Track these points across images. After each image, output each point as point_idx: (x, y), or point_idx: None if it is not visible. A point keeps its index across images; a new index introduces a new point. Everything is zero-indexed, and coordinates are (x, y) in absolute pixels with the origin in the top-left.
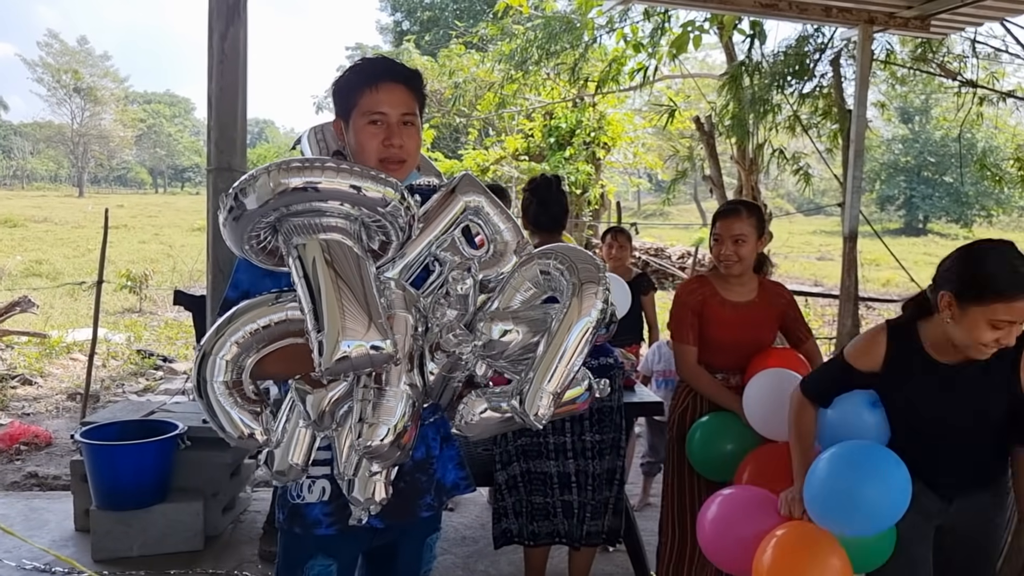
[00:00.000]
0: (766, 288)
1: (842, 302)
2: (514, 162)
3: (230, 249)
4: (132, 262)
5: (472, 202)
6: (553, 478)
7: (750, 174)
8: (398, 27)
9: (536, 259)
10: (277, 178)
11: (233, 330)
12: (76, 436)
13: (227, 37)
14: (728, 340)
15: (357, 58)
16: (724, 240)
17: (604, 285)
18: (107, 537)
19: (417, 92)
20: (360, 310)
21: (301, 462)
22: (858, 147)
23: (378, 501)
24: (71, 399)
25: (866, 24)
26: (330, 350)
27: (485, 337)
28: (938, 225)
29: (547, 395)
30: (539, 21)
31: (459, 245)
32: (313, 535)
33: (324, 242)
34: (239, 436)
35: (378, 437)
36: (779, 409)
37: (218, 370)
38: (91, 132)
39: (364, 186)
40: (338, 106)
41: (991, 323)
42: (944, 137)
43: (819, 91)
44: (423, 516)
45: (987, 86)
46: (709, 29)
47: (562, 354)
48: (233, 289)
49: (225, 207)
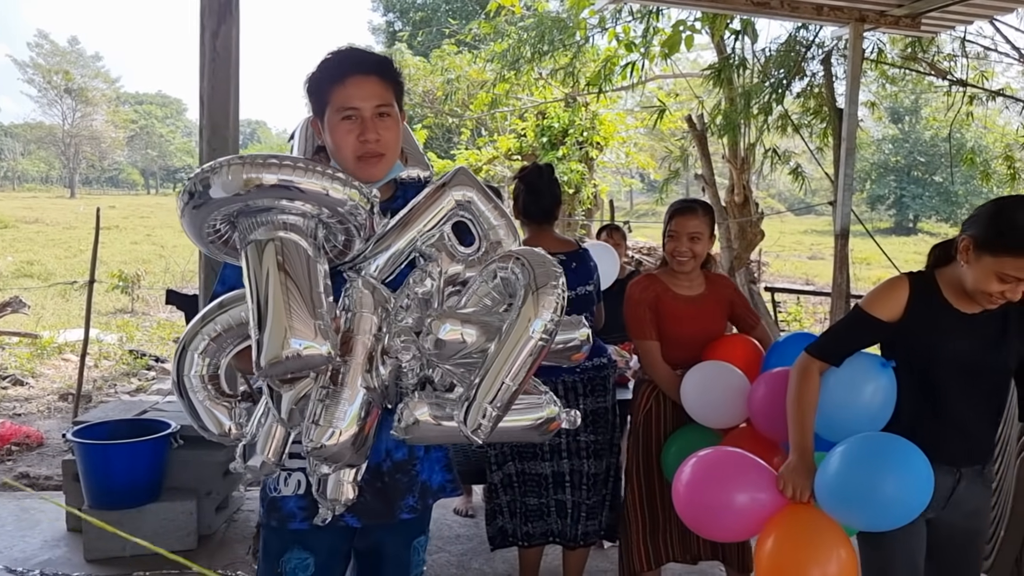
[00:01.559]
0: (712, 281)
1: (834, 299)
2: (507, 162)
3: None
4: (124, 263)
5: (463, 197)
6: (548, 478)
7: (741, 173)
8: (390, 27)
9: (497, 262)
10: (242, 173)
11: (210, 324)
12: (68, 435)
13: (219, 35)
14: (684, 334)
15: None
16: (680, 237)
17: (557, 293)
18: (100, 537)
19: (391, 81)
20: (300, 312)
21: (273, 458)
22: (850, 145)
23: (343, 501)
24: (63, 399)
25: (857, 22)
26: (266, 352)
27: (432, 337)
28: (928, 224)
29: (489, 408)
30: (531, 21)
31: (447, 241)
32: (288, 529)
33: (277, 241)
34: (217, 429)
35: (323, 438)
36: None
37: (192, 364)
38: (82, 133)
39: (330, 187)
40: (313, 104)
41: (999, 275)
42: (934, 137)
43: (810, 90)
44: (403, 518)
45: (977, 85)
46: (701, 29)
47: (507, 368)
48: (221, 284)
49: (184, 195)
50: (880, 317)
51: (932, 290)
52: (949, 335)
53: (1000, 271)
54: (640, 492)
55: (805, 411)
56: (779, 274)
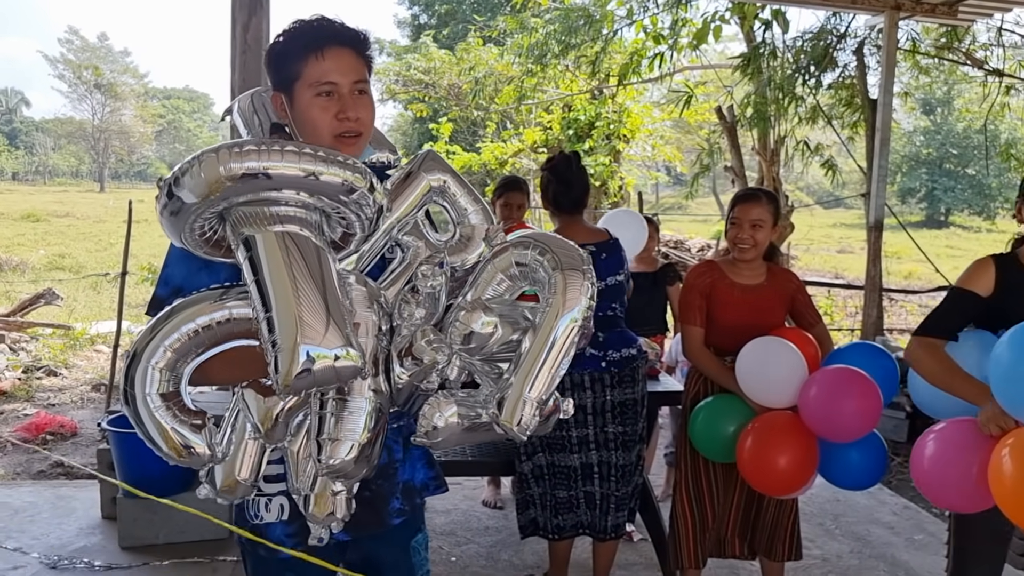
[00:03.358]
0: (775, 273)
1: (867, 292)
2: (532, 155)
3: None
4: (153, 256)
5: (436, 181)
6: (576, 470)
7: (771, 165)
8: (415, 21)
9: (511, 248)
10: (215, 165)
11: (166, 333)
12: (103, 424)
13: (250, 27)
14: (736, 323)
15: (292, 23)
16: (742, 224)
17: (589, 277)
18: (134, 525)
19: (366, 57)
20: (323, 316)
21: (250, 478)
22: (884, 135)
23: (339, 518)
24: (95, 390)
25: (892, 10)
26: (288, 364)
27: (465, 328)
28: (960, 218)
29: (530, 403)
30: (558, 13)
31: (423, 229)
32: (278, 558)
33: (280, 235)
34: (178, 452)
35: (341, 454)
36: (771, 375)
37: (151, 380)
38: (111, 128)
39: (327, 171)
40: (276, 77)
41: None
42: (966, 129)
43: (842, 81)
44: (394, 523)
45: (1014, 75)
46: (729, 19)
47: (545, 356)
48: (163, 286)
49: (160, 199)
50: (977, 291)
51: (1015, 265)
52: None
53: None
54: (688, 484)
55: (953, 371)
56: (808, 268)
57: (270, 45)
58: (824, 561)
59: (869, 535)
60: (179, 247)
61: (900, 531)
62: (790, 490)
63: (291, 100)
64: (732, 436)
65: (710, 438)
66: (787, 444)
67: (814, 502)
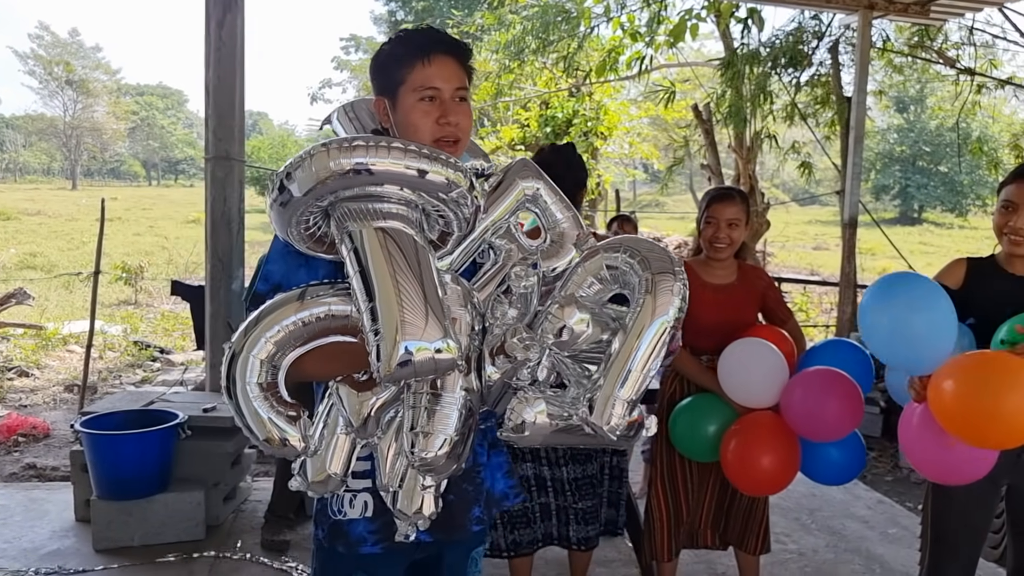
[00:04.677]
0: (745, 271)
1: (842, 288)
2: (510, 152)
3: (228, 239)
4: (127, 254)
5: (530, 188)
6: (530, 480)
7: (747, 163)
8: (392, 17)
9: (602, 252)
10: (326, 160)
11: (267, 326)
12: (76, 426)
13: (224, 24)
14: (711, 322)
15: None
16: (719, 223)
17: (681, 279)
18: (109, 527)
19: (467, 66)
20: (423, 309)
21: (340, 471)
22: (858, 133)
23: (427, 515)
24: (68, 391)
25: (866, 10)
26: (389, 354)
27: (559, 323)
28: (933, 215)
29: (620, 403)
30: (535, 10)
31: (515, 233)
32: (358, 554)
33: (382, 230)
34: (273, 442)
35: (434, 448)
36: (754, 376)
37: (251, 370)
38: (84, 125)
39: (430, 169)
40: (381, 82)
41: (1001, 207)
42: (939, 127)
43: (817, 79)
44: (474, 531)
45: (985, 74)
46: (706, 17)
47: (637, 356)
48: (264, 282)
49: (272, 191)
50: (948, 284)
51: (989, 262)
52: (1002, 293)
53: (1001, 200)
54: (664, 481)
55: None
56: (784, 264)
57: (376, 52)
58: (800, 555)
59: (844, 529)
60: (281, 245)
61: (875, 525)
62: (775, 489)
63: (394, 104)
64: (714, 436)
65: (692, 439)
66: (772, 444)
67: (790, 497)
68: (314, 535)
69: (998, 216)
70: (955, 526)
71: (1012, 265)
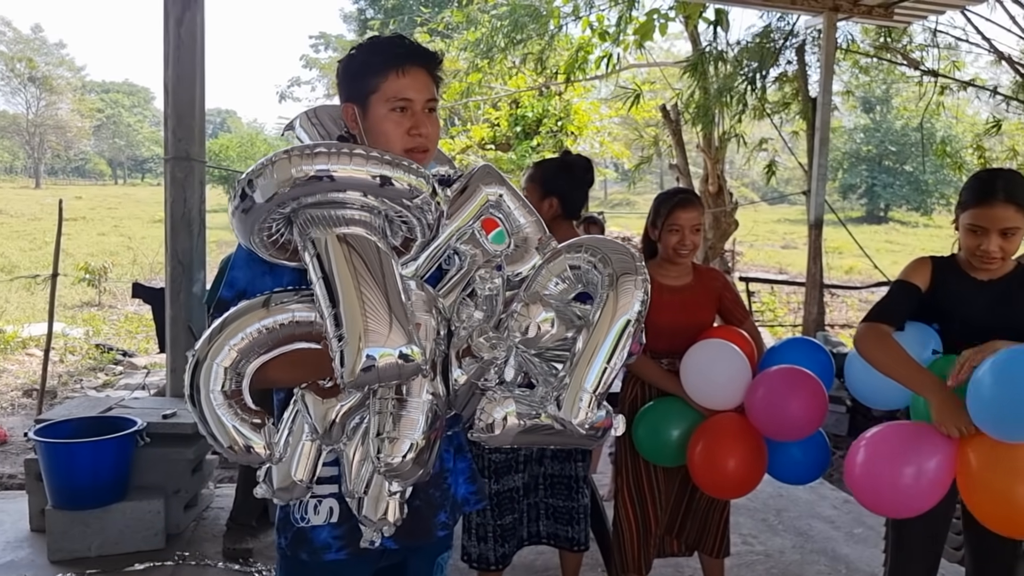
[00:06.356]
0: (701, 272)
1: (808, 289)
2: (480, 151)
3: (188, 240)
4: (91, 255)
5: (493, 194)
6: (519, 490)
7: (716, 163)
8: (362, 15)
9: (564, 252)
10: (287, 167)
11: (231, 333)
12: (30, 434)
13: (183, 22)
14: (668, 324)
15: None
16: (683, 230)
17: (643, 276)
18: (64, 537)
19: (436, 76)
20: (386, 314)
21: (306, 478)
22: (823, 135)
23: (392, 521)
24: (27, 396)
25: (831, 12)
26: (353, 359)
27: (525, 321)
28: (899, 213)
29: (588, 396)
30: (504, 9)
31: (479, 239)
32: (322, 561)
33: (345, 237)
34: (238, 450)
35: (400, 453)
36: (718, 378)
37: (215, 377)
38: (47, 122)
39: (393, 176)
40: (351, 88)
41: (968, 228)
42: (905, 127)
43: (784, 79)
44: (439, 536)
45: (947, 75)
46: (674, 17)
47: (602, 352)
48: (228, 288)
49: (234, 199)
50: (916, 283)
51: (952, 264)
52: (965, 298)
53: (967, 223)
54: (630, 488)
55: (903, 359)
56: (753, 263)
57: (346, 58)
58: (767, 556)
59: (811, 529)
60: (245, 251)
61: (840, 525)
62: (744, 491)
63: (364, 112)
64: (678, 440)
65: (656, 443)
66: (738, 446)
67: (757, 497)
68: (277, 544)
69: (967, 238)
70: (917, 528)
71: (975, 269)
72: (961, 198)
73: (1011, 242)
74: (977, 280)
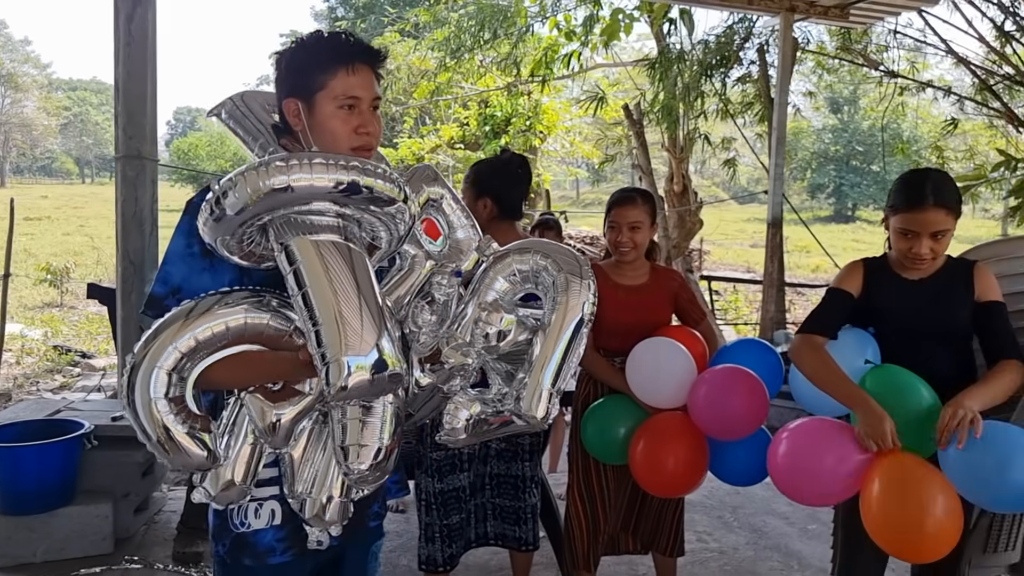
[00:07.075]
0: (658, 272)
1: (765, 288)
2: (449, 151)
3: (140, 240)
4: (54, 255)
5: (435, 194)
6: (465, 490)
7: (680, 162)
8: (332, 13)
9: (512, 254)
10: (257, 180)
11: (175, 334)
12: None
13: (134, 19)
14: (623, 323)
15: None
16: (620, 227)
17: (589, 278)
18: (8, 543)
19: (379, 74)
20: (372, 327)
21: (240, 479)
22: (780, 135)
23: (339, 521)
24: None
25: (787, 12)
26: (340, 376)
27: (488, 328)
28: (866, 212)
29: (547, 392)
30: (472, 8)
31: (419, 238)
32: (267, 565)
33: (322, 245)
34: (176, 455)
35: (368, 459)
36: (662, 376)
37: (156, 381)
38: (12, 120)
39: (362, 181)
40: (296, 83)
41: (899, 232)
42: (871, 127)
43: (747, 80)
44: (371, 526)
45: (907, 76)
46: (639, 17)
47: (558, 351)
48: (161, 284)
49: (205, 210)
50: (848, 289)
51: (883, 266)
52: (897, 299)
53: (898, 227)
54: (580, 487)
55: (832, 370)
56: (721, 262)
57: (290, 51)
58: (721, 554)
59: (765, 526)
60: (182, 246)
61: (795, 521)
62: (683, 490)
63: (310, 108)
64: (624, 438)
65: (602, 441)
66: (678, 445)
67: (714, 495)
68: (214, 552)
69: (898, 240)
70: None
71: (906, 269)
72: (890, 200)
73: (941, 243)
74: (909, 280)
